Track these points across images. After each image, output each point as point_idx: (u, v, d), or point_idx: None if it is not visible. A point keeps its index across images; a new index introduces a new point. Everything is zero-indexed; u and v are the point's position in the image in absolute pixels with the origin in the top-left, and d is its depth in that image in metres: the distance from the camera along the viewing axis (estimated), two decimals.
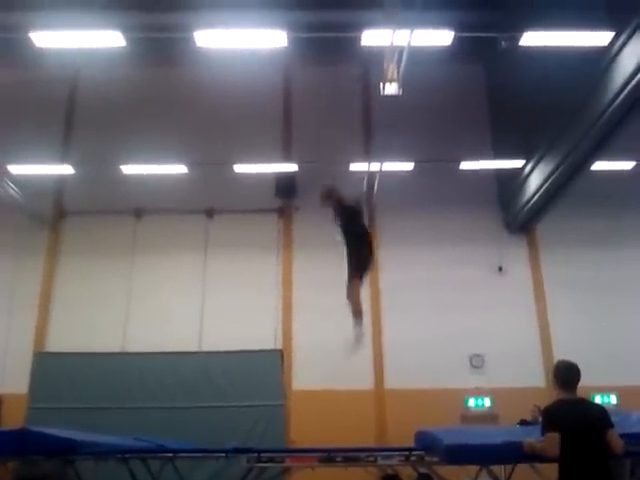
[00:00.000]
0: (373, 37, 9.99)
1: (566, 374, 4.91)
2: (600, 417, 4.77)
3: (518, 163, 14.11)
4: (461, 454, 5.37)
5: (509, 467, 6.66)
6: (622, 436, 4.79)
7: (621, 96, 9.77)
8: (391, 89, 9.15)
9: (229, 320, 13.99)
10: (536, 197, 13.44)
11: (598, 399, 12.88)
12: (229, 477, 9.12)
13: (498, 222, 15.10)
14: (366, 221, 8.61)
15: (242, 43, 10.45)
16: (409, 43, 8.70)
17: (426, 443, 6.26)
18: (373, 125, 15.32)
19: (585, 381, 4.91)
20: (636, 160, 13.87)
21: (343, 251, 7.64)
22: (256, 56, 13.72)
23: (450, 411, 12.96)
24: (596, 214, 14.73)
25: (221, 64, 14.58)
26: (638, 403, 11.72)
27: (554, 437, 4.62)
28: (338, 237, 7.68)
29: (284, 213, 15.27)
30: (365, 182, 13.89)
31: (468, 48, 13.33)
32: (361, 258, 7.53)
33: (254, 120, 15.48)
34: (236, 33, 10.05)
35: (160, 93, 15.95)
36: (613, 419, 4.85)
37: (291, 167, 14.67)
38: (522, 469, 6.39)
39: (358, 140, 15.48)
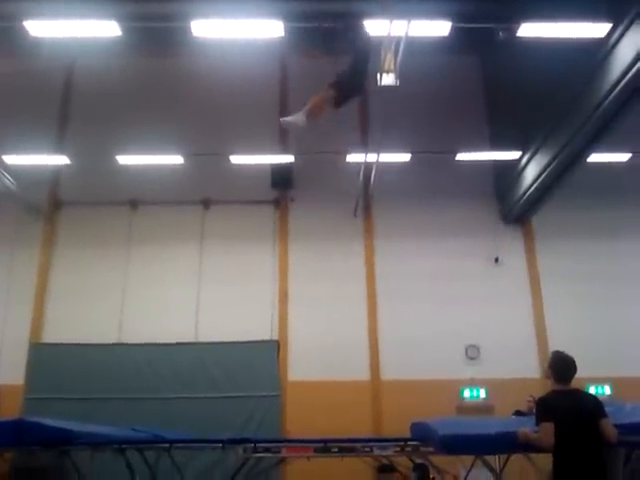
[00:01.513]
0: (370, 27, 9.92)
1: (562, 367, 4.94)
2: (594, 407, 4.81)
3: (515, 154, 14.09)
4: (456, 444, 5.41)
5: (504, 457, 6.70)
6: (616, 427, 4.83)
7: (618, 87, 9.75)
8: (388, 80, 9.12)
9: (225, 311, 13.99)
10: (532, 189, 13.44)
11: (592, 390, 12.95)
12: (225, 467, 9.16)
13: (494, 213, 15.10)
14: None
15: (239, 33, 10.39)
16: (406, 33, 8.67)
17: (421, 434, 6.30)
18: (370, 116, 15.28)
19: (580, 372, 4.94)
20: (632, 152, 13.87)
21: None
22: (252, 46, 13.63)
23: (446, 402, 13.01)
24: (592, 206, 14.74)
25: (217, 54, 14.51)
26: (632, 394, 11.78)
27: (549, 427, 4.65)
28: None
29: (280, 204, 15.25)
30: (361, 173, 13.88)
31: (465, 39, 13.27)
32: (355, 82, 7.11)
33: (250, 110, 15.41)
34: (232, 23, 9.99)
35: (156, 83, 15.87)
36: (607, 409, 4.89)
37: (287, 158, 14.63)
38: (517, 459, 6.45)
39: (355, 131, 15.44)
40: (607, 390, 13.46)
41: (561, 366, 4.95)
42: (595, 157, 12.53)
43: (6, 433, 5.54)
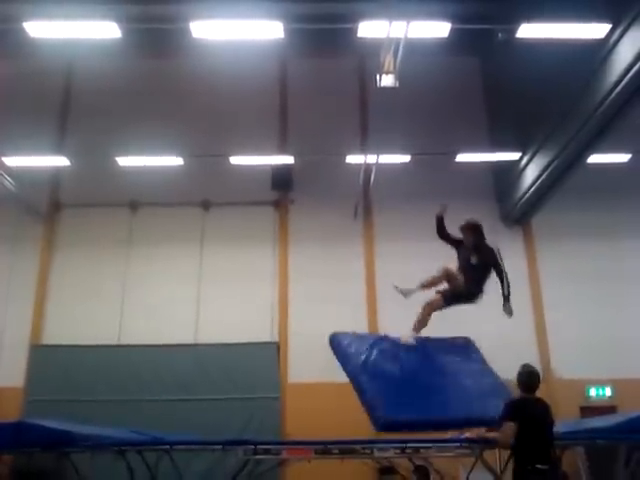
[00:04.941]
0: (370, 29, 9.93)
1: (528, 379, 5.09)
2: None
3: (514, 155, 14.09)
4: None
5: (504, 459, 6.68)
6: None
7: (618, 88, 9.76)
8: (387, 81, 9.12)
9: (225, 313, 13.98)
10: (532, 190, 13.43)
11: (593, 391, 12.88)
12: (225, 469, 9.14)
13: (494, 215, 15.05)
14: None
15: (238, 34, 10.40)
16: (406, 35, 8.67)
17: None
18: (369, 117, 15.27)
19: (580, 373, 4.96)
20: (632, 152, 13.87)
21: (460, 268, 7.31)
22: (252, 47, 13.64)
23: None
24: (592, 207, 14.73)
25: (217, 55, 14.50)
26: (633, 395, 11.79)
27: (511, 426, 4.70)
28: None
29: (280, 205, 15.24)
30: (361, 174, 13.87)
31: (465, 40, 13.29)
32: (471, 289, 7.25)
33: (250, 112, 15.42)
34: (232, 24, 9.99)
35: (156, 85, 15.85)
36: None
37: (287, 159, 14.63)
38: None
39: (354, 132, 15.43)
40: (608, 392, 13.33)
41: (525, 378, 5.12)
42: (595, 158, 12.53)
43: (6, 435, 5.54)
